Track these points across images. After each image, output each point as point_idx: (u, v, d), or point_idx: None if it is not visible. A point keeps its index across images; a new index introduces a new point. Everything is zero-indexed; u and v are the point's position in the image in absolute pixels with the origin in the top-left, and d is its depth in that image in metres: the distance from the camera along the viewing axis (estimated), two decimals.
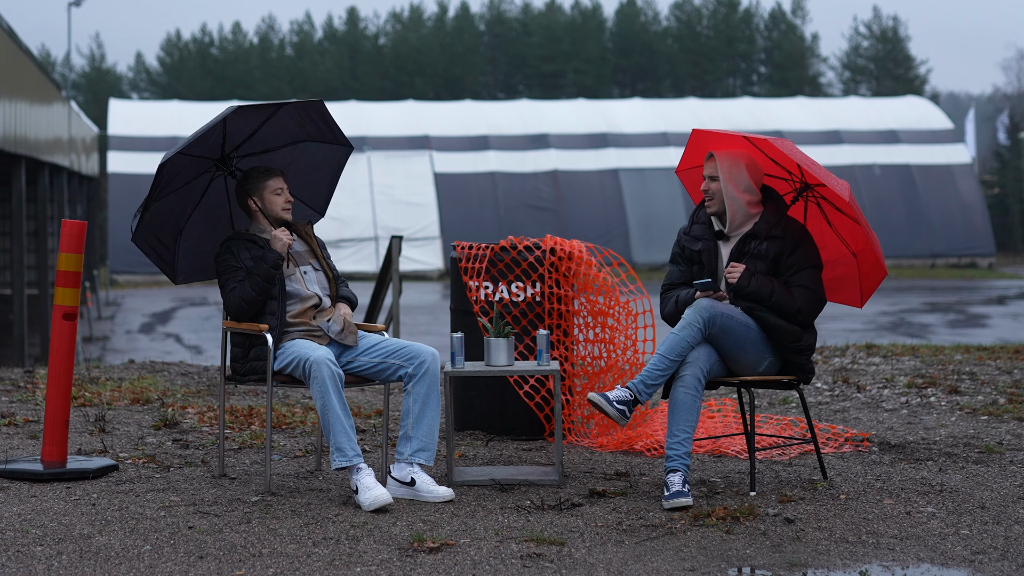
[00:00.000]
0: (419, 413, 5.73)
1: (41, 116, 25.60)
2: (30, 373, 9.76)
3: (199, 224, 6.14)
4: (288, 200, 5.98)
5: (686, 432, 5.57)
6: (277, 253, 5.82)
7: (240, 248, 5.87)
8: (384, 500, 5.42)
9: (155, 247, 6.02)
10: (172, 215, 6.02)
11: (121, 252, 38.70)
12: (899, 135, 44.04)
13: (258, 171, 5.97)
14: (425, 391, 5.73)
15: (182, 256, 6.13)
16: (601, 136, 42.84)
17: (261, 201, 5.94)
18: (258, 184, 5.94)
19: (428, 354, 5.78)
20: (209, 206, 6.15)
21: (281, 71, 73.35)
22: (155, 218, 5.92)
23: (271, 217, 5.95)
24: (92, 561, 4.74)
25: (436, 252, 39.59)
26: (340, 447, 5.52)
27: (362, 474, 5.51)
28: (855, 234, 5.95)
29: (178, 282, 6.17)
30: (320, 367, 5.57)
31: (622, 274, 7.17)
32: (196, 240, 6.15)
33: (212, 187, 6.12)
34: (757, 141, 5.87)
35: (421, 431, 5.72)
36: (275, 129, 6.05)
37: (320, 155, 6.25)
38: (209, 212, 6.16)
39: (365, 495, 5.44)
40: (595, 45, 73.94)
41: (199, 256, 6.18)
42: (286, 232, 5.88)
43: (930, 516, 5.39)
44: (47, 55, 77.50)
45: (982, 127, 65.25)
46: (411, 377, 5.75)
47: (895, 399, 8.36)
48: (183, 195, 6.02)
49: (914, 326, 24.08)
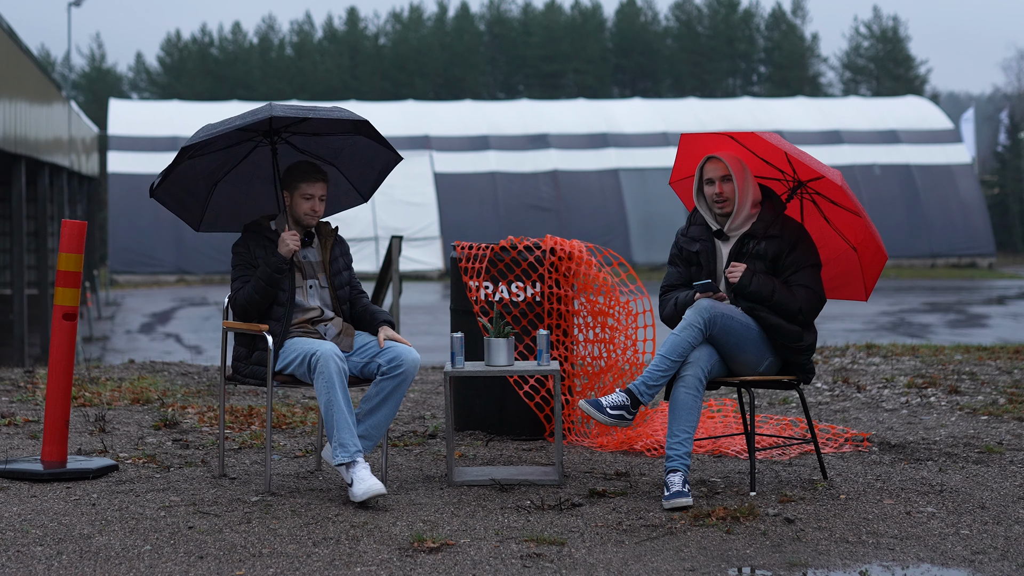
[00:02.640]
0: (377, 405, 5.76)
1: (41, 116, 25.59)
2: (30, 373, 9.76)
3: (236, 182, 6.16)
4: (315, 209, 5.88)
5: (686, 432, 5.57)
6: (281, 257, 5.79)
7: (256, 244, 5.86)
8: (377, 490, 5.45)
9: (180, 198, 6.05)
10: (207, 172, 6.05)
11: (121, 252, 38.70)
12: (899, 135, 44.04)
13: (301, 168, 5.89)
14: (391, 388, 5.76)
15: (211, 207, 6.16)
16: (601, 136, 42.84)
17: (290, 198, 5.91)
18: (293, 181, 5.89)
19: (409, 359, 5.77)
20: (250, 168, 6.15)
21: (281, 71, 73.34)
22: (188, 172, 5.96)
23: (293, 217, 5.93)
24: (92, 561, 4.74)
25: (436, 252, 39.60)
26: (343, 443, 5.55)
27: (358, 467, 5.53)
28: (853, 226, 5.94)
29: (199, 230, 6.22)
30: (328, 362, 5.57)
31: (622, 274, 7.17)
32: (229, 194, 6.18)
33: (256, 152, 6.12)
34: (745, 139, 5.85)
35: (371, 421, 5.75)
36: (327, 122, 5.99)
37: (372, 150, 6.19)
38: (249, 174, 6.17)
39: (359, 486, 5.47)
40: (595, 45, 73.93)
41: (228, 210, 6.20)
42: (295, 237, 5.81)
43: (930, 516, 5.39)
44: (47, 55, 77.48)
45: (982, 127, 65.22)
46: (384, 373, 5.76)
47: (895, 399, 8.36)
48: (221, 157, 6.05)
49: (914, 326, 24.07)
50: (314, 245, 5.99)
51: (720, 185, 5.82)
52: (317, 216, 5.92)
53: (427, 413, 8.06)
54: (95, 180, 45.77)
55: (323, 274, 5.96)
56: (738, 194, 5.81)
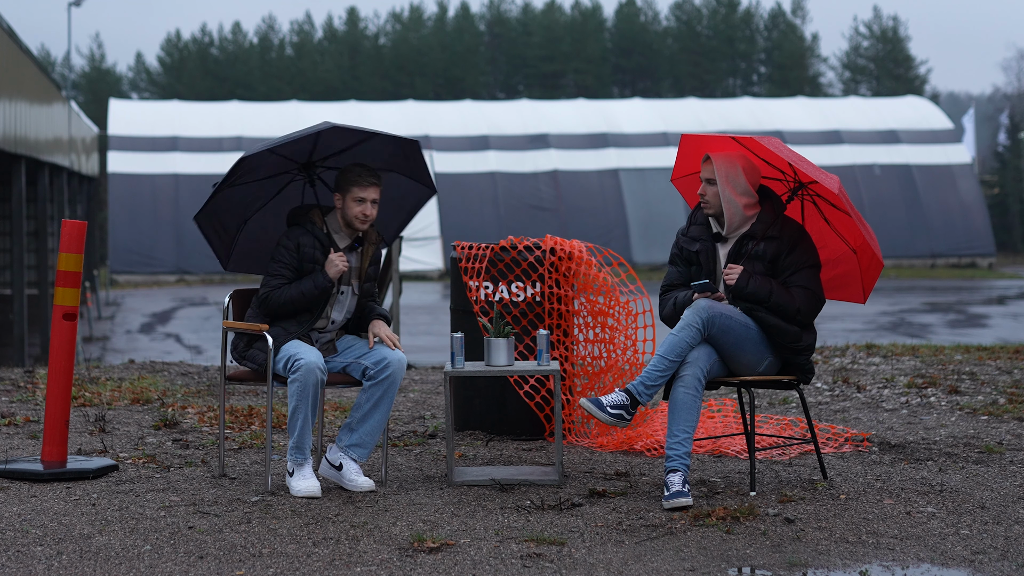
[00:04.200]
0: (368, 412, 5.82)
1: (41, 116, 25.59)
2: (30, 373, 9.76)
3: (266, 218, 6.13)
4: (366, 213, 5.82)
5: (686, 432, 5.57)
6: (328, 278, 5.79)
7: (306, 243, 5.81)
8: (313, 492, 5.68)
9: (216, 229, 6.04)
10: (241, 204, 6.03)
11: (121, 252, 38.72)
12: (899, 135, 44.04)
13: (355, 171, 5.83)
14: (380, 394, 5.80)
15: (240, 244, 6.15)
16: (601, 136, 42.85)
17: (343, 200, 5.85)
18: (347, 184, 5.82)
19: (395, 361, 5.79)
20: (281, 204, 6.12)
21: (281, 71, 73.34)
22: (223, 203, 5.95)
23: (345, 220, 5.90)
24: (92, 561, 4.74)
25: (436, 252, 39.60)
26: (301, 447, 5.74)
27: (305, 467, 5.75)
28: (853, 229, 5.95)
29: (228, 268, 6.24)
30: (309, 374, 5.63)
31: (622, 274, 7.17)
32: (258, 233, 6.14)
33: (289, 188, 6.08)
34: (746, 141, 5.86)
35: (364, 428, 5.82)
36: (367, 150, 5.99)
37: (402, 189, 6.17)
38: (278, 211, 6.12)
39: (299, 483, 5.70)
40: (595, 45, 73.93)
41: (256, 248, 6.17)
42: (343, 259, 5.80)
43: (930, 516, 5.39)
44: (47, 55, 77.50)
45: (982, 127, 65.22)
46: (371, 377, 5.80)
47: (895, 399, 8.36)
48: (257, 188, 6.02)
49: (914, 326, 24.08)
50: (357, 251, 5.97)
51: (704, 187, 5.84)
52: (369, 220, 5.85)
53: (427, 413, 8.06)
54: (95, 180, 45.80)
55: (357, 280, 5.96)
56: (723, 199, 5.81)
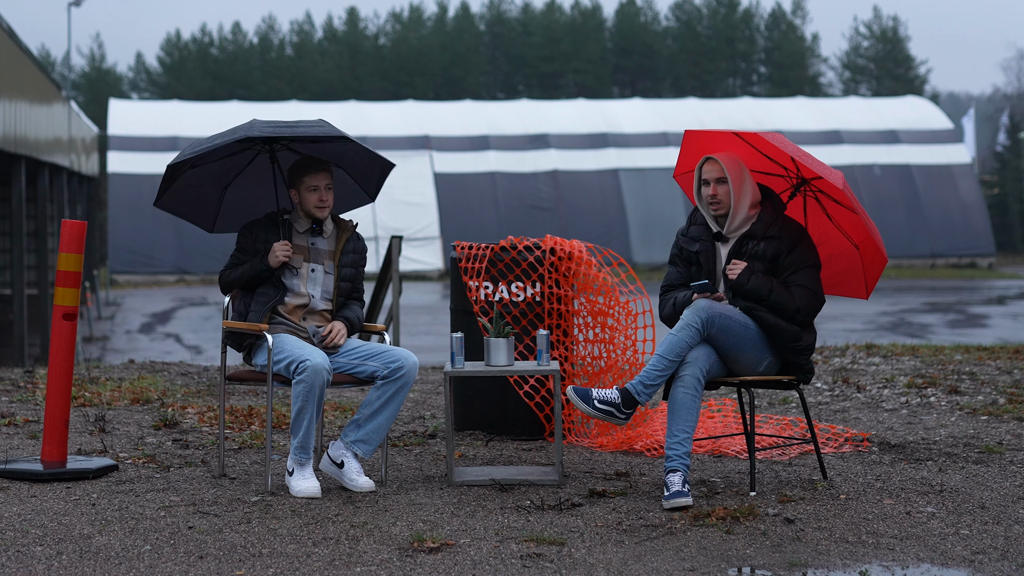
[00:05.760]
0: (378, 409, 5.83)
1: (41, 116, 25.58)
2: (30, 373, 9.76)
3: (245, 185, 6.31)
4: (323, 199, 5.95)
5: (686, 432, 5.57)
6: (266, 264, 5.91)
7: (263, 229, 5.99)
8: (313, 492, 5.69)
9: (189, 203, 6.23)
10: (213, 177, 6.21)
11: (121, 252, 38.70)
12: (899, 135, 44.03)
13: (301, 163, 5.98)
14: (392, 392, 5.83)
15: (224, 208, 6.33)
16: (601, 136, 42.83)
17: (298, 195, 5.98)
18: (297, 178, 5.96)
19: (409, 361, 5.83)
20: (256, 173, 6.29)
21: (281, 71, 73.32)
22: (192, 179, 6.12)
23: (304, 212, 6.00)
24: (92, 561, 4.74)
25: (436, 252, 39.60)
26: (304, 447, 5.75)
27: (307, 467, 5.75)
28: (855, 225, 5.95)
29: (214, 231, 6.38)
30: (316, 375, 5.65)
31: (622, 274, 7.17)
32: (240, 197, 6.32)
33: (259, 159, 6.25)
34: (749, 137, 5.86)
35: (371, 425, 5.83)
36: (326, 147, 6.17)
37: (368, 156, 6.27)
38: (256, 178, 6.30)
39: (299, 483, 5.71)
40: (595, 45, 73.92)
41: (240, 211, 6.35)
42: (286, 249, 5.90)
43: (930, 516, 5.39)
44: (47, 55, 77.47)
45: (982, 127, 65.22)
46: (385, 377, 5.82)
47: (895, 399, 8.36)
48: (225, 165, 6.20)
49: (914, 326, 24.08)
50: (326, 234, 6.04)
51: (715, 187, 5.82)
52: (327, 206, 5.97)
53: (427, 413, 8.06)
54: (95, 180, 45.77)
55: (331, 262, 6.03)
56: (733, 197, 5.81)
